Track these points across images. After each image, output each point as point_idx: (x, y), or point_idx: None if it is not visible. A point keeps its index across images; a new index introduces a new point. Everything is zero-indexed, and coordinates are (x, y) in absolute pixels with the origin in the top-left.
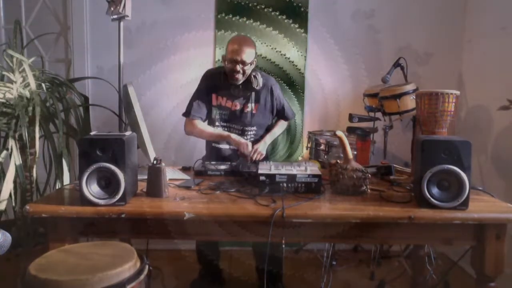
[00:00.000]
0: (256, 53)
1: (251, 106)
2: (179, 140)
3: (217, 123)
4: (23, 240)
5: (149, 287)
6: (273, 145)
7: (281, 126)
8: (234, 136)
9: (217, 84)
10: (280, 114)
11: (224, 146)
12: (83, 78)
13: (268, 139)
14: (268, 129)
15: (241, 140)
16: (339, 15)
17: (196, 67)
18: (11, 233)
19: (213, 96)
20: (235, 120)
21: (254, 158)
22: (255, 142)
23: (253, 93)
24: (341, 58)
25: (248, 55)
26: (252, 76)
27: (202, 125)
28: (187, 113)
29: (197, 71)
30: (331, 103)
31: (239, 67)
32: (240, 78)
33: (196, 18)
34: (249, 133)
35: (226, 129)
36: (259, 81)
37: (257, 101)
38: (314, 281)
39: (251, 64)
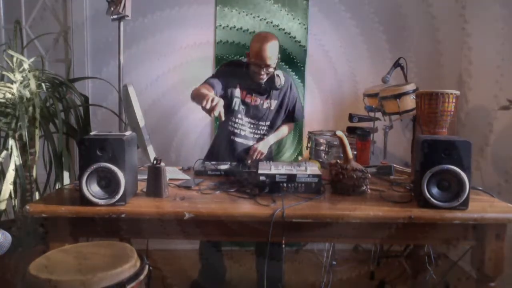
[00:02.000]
0: (278, 51)
1: (269, 103)
2: (179, 140)
3: (238, 115)
4: (23, 240)
5: (149, 287)
6: (279, 145)
7: (282, 131)
8: (204, 91)
9: (241, 78)
10: (290, 114)
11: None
12: (83, 78)
13: (272, 138)
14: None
15: (210, 95)
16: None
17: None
18: (11, 233)
19: (237, 88)
20: (252, 115)
21: (254, 157)
22: (262, 138)
23: (273, 91)
24: (343, 55)
25: (273, 58)
26: (275, 75)
27: (201, 87)
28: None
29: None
30: (331, 103)
31: (264, 71)
32: (265, 78)
33: None
34: (263, 127)
35: (245, 122)
36: (281, 81)
37: (275, 98)
38: (314, 281)
39: (276, 63)
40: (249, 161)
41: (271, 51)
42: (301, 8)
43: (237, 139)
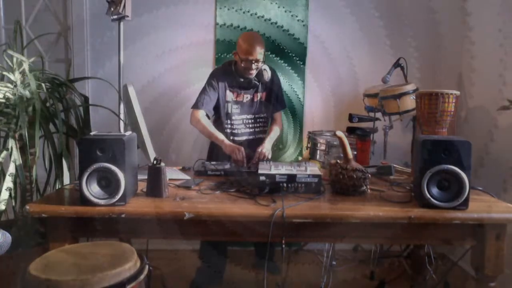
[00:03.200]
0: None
1: (260, 95)
2: (179, 140)
3: (233, 117)
4: (23, 240)
5: (149, 287)
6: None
7: (276, 131)
8: (226, 142)
9: (229, 79)
10: (273, 102)
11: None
12: (83, 78)
13: (269, 141)
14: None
15: (233, 147)
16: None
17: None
18: (11, 233)
19: (227, 92)
20: (247, 111)
21: (260, 159)
22: (265, 130)
23: (261, 83)
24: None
25: (261, 53)
26: (263, 70)
27: (206, 121)
28: (195, 105)
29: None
30: (331, 103)
31: (254, 66)
32: (254, 73)
33: None
34: (260, 120)
35: (241, 121)
36: (268, 74)
37: (264, 89)
38: (314, 281)
39: (263, 58)
40: (255, 163)
41: (261, 47)
42: (301, 5)
43: (237, 138)
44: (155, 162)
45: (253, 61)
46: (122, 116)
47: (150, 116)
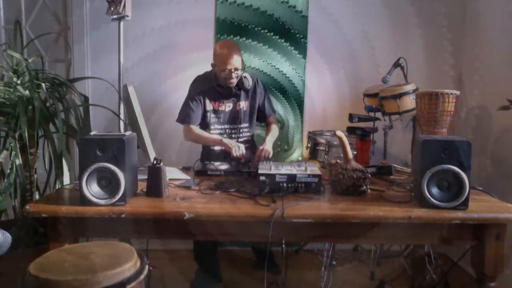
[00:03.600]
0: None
1: (242, 104)
2: (179, 140)
3: (212, 127)
4: (23, 240)
5: (149, 287)
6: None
7: (275, 130)
8: (225, 140)
9: (209, 89)
10: (261, 111)
11: (217, 148)
12: (83, 78)
13: (270, 140)
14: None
15: (233, 143)
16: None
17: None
18: (11, 233)
19: (207, 101)
20: (229, 120)
21: (263, 157)
22: (248, 139)
23: (243, 92)
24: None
25: (238, 61)
26: (243, 77)
27: (199, 131)
28: (183, 121)
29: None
30: (331, 103)
31: (234, 75)
32: (235, 81)
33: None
34: (243, 129)
35: (222, 130)
36: (249, 81)
37: (246, 98)
38: (314, 281)
39: (242, 66)
40: (257, 161)
41: (238, 55)
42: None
43: (218, 148)
44: (155, 162)
45: (232, 70)
46: (122, 116)
47: (150, 116)
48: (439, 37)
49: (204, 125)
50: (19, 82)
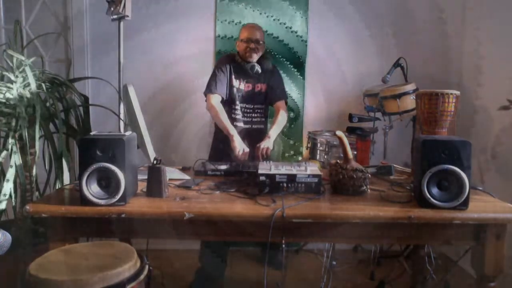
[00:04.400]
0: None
1: (260, 86)
2: (179, 140)
3: (237, 102)
4: (23, 240)
5: (149, 287)
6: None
7: (281, 120)
8: (236, 138)
9: (234, 66)
10: (274, 93)
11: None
12: (83, 78)
13: (273, 133)
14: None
15: (240, 144)
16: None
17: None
18: (11, 233)
19: (232, 76)
20: (248, 100)
21: (262, 155)
22: (261, 121)
23: (262, 74)
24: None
25: (261, 34)
26: (265, 58)
27: (220, 109)
28: (208, 90)
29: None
30: (331, 103)
31: (254, 45)
32: (255, 56)
33: None
34: (258, 110)
35: (239, 109)
36: (269, 63)
37: (264, 81)
38: (314, 281)
39: (263, 43)
40: (260, 160)
41: (260, 31)
42: (303, 2)
43: (239, 124)
44: (155, 162)
45: (254, 41)
46: (122, 116)
47: (150, 116)
48: (439, 37)
49: (230, 100)
50: (19, 82)
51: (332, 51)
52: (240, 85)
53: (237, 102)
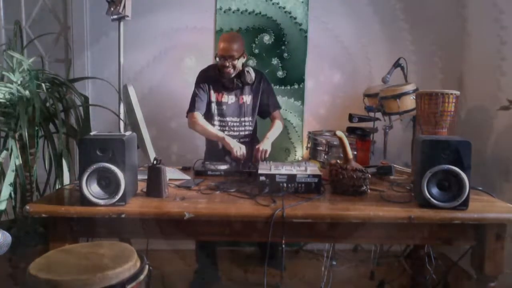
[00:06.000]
0: (244, 49)
1: (245, 98)
2: (179, 140)
3: (215, 118)
4: (23, 240)
5: (149, 287)
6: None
7: (278, 125)
8: (228, 139)
9: (213, 80)
10: (265, 106)
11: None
12: (83, 78)
13: (272, 135)
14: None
15: (235, 144)
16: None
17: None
18: (11, 233)
19: (211, 91)
20: (232, 113)
21: (260, 157)
22: (250, 133)
23: (247, 86)
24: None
25: (236, 50)
26: (246, 72)
27: (204, 122)
28: (190, 109)
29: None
30: (331, 103)
31: (228, 63)
32: (232, 72)
33: None
34: (245, 123)
35: (224, 123)
36: (252, 76)
37: (249, 93)
38: (314, 281)
39: (239, 59)
40: (257, 163)
41: (235, 44)
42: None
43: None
44: (155, 162)
45: (227, 58)
46: (122, 116)
47: (150, 116)
48: (439, 37)
49: (209, 116)
50: (19, 82)
51: (332, 50)
52: (222, 98)
53: (222, 117)
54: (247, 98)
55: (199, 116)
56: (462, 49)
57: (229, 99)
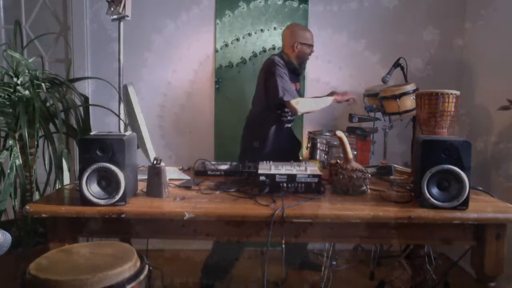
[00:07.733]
0: None
1: (297, 85)
2: (179, 140)
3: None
4: (23, 240)
5: (149, 287)
6: None
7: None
8: (333, 96)
9: (288, 70)
10: None
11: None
12: (83, 78)
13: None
14: None
15: (341, 93)
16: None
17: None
18: (11, 233)
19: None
20: None
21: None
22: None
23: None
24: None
25: None
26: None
27: (309, 99)
28: (294, 96)
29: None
30: (332, 103)
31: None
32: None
33: None
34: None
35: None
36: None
37: (298, 80)
38: (314, 281)
39: None
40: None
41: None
42: (302, 10)
43: (286, 125)
44: (155, 162)
45: (312, 45)
46: (122, 116)
47: (150, 116)
48: (439, 37)
49: (281, 105)
50: (19, 82)
51: (332, 50)
52: (296, 87)
53: None
54: (298, 86)
55: (301, 99)
56: (462, 48)
57: (296, 86)
